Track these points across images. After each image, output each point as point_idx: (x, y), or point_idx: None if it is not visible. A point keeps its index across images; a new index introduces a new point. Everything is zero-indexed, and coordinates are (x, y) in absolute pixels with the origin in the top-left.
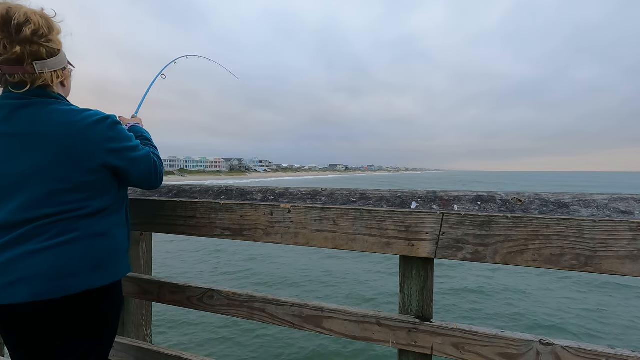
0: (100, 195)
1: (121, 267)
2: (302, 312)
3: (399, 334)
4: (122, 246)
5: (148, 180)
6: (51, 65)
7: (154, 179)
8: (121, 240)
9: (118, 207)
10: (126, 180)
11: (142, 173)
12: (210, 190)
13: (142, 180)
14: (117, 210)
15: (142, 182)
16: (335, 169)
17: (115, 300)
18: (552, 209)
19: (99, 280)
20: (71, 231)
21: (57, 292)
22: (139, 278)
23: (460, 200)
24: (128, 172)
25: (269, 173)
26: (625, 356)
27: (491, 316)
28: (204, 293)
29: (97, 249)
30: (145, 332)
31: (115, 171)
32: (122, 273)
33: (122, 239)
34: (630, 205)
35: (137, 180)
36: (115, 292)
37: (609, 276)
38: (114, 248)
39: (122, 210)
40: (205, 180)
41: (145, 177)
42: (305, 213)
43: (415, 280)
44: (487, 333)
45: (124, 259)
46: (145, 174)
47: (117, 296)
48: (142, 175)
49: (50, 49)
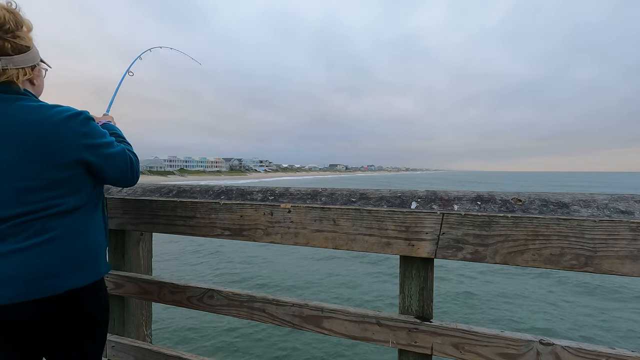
0: (75, 193)
1: (101, 266)
2: (302, 312)
3: (399, 334)
4: (101, 245)
5: (124, 177)
6: (18, 61)
7: (129, 176)
8: (100, 239)
9: (94, 205)
10: (101, 177)
11: (118, 170)
12: (210, 190)
13: (117, 177)
14: (94, 209)
15: (117, 179)
16: (335, 169)
17: (99, 299)
18: (552, 209)
19: (81, 280)
20: (48, 230)
21: (38, 293)
22: (139, 278)
23: (460, 200)
24: (103, 168)
25: (269, 173)
26: (625, 356)
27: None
28: (204, 293)
29: (77, 248)
30: (145, 332)
31: (89, 168)
32: (102, 272)
33: (101, 237)
34: (630, 205)
35: (113, 177)
36: (98, 291)
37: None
38: (93, 247)
39: (98, 209)
40: (205, 180)
41: (120, 173)
42: (305, 213)
43: (415, 280)
44: (487, 333)
45: (103, 258)
46: (120, 171)
47: (101, 295)
48: (117, 172)
49: (17, 45)
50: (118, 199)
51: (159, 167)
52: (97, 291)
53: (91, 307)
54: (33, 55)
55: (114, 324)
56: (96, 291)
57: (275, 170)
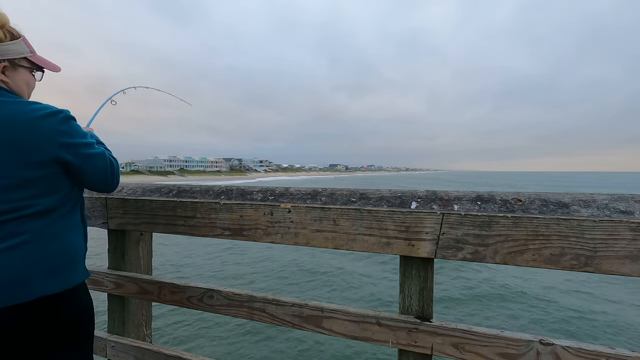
0: (49, 194)
1: (78, 273)
2: (302, 312)
3: (399, 334)
4: (78, 250)
5: (103, 180)
6: None
7: (109, 179)
8: (77, 244)
9: (71, 207)
10: (80, 178)
11: (97, 171)
12: (210, 190)
13: (96, 179)
14: (71, 212)
15: (96, 181)
16: (335, 169)
17: (77, 306)
18: (552, 209)
19: (54, 286)
20: (21, 233)
21: (8, 300)
22: (139, 278)
23: (460, 200)
24: (81, 169)
25: (269, 173)
26: (625, 356)
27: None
28: (204, 293)
29: (50, 252)
30: (145, 332)
31: (66, 167)
32: (79, 279)
33: (78, 242)
34: (630, 205)
35: (91, 179)
36: (75, 298)
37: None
38: (69, 252)
39: (76, 212)
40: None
41: (100, 176)
42: (305, 213)
43: (415, 280)
44: (487, 333)
45: (80, 264)
46: (100, 173)
47: (78, 302)
48: (96, 174)
49: None
50: (118, 199)
51: (159, 167)
52: (73, 298)
53: (67, 314)
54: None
55: (114, 323)
56: (72, 298)
57: (275, 170)
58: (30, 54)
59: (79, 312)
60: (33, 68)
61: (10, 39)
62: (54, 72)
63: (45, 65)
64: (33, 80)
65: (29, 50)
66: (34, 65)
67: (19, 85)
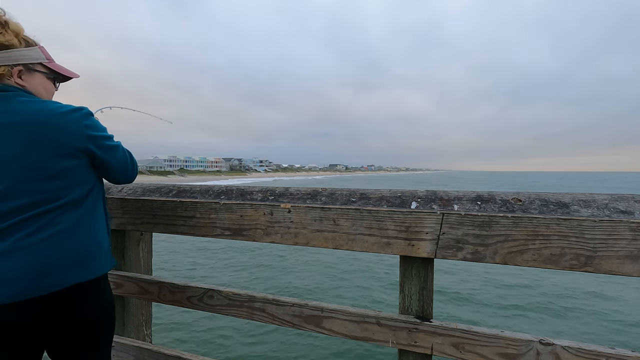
0: (78, 185)
1: (105, 262)
2: (302, 312)
3: (399, 334)
4: (104, 241)
5: (125, 170)
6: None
7: (130, 170)
8: (103, 234)
9: (96, 200)
10: (104, 169)
11: (119, 163)
12: (210, 190)
13: (119, 170)
14: (96, 204)
15: (119, 172)
16: (335, 169)
17: (103, 299)
18: (552, 209)
19: (85, 275)
20: (56, 224)
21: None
22: (139, 278)
23: (460, 200)
24: (106, 160)
25: (269, 173)
26: (625, 356)
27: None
28: (204, 293)
29: (82, 242)
30: (145, 332)
31: (93, 159)
32: (107, 267)
33: (104, 233)
34: (630, 205)
35: (115, 169)
36: (102, 290)
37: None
38: (97, 242)
39: (100, 204)
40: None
41: (122, 167)
42: (305, 213)
43: (415, 280)
44: (487, 333)
45: (107, 253)
46: (121, 164)
47: (105, 295)
48: (119, 165)
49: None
50: (118, 199)
51: (159, 167)
52: (99, 289)
53: (94, 306)
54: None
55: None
56: (99, 289)
57: (275, 170)
58: (47, 60)
59: (108, 303)
60: (50, 74)
61: (25, 46)
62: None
63: (62, 72)
64: (51, 86)
65: (45, 57)
66: (51, 72)
67: (36, 89)
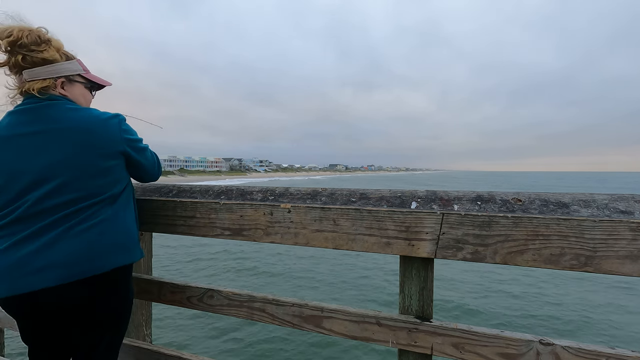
0: (117, 182)
1: (138, 251)
2: (302, 312)
3: (399, 334)
4: (135, 231)
5: (152, 169)
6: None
7: (157, 169)
8: (134, 226)
9: (129, 196)
10: (137, 168)
11: (150, 163)
12: (210, 190)
13: (148, 169)
14: (129, 200)
15: (148, 171)
16: (335, 169)
17: (132, 286)
18: (552, 209)
19: (124, 259)
20: (98, 215)
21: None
22: (139, 278)
23: (460, 200)
24: (139, 160)
25: (269, 173)
26: (625, 356)
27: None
28: (204, 293)
29: (119, 232)
30: (145, 332)
31: (128, 159)
32: (139, 255)
33: (135, 226)
34: (630, 205)
35: (145, 169)
36: (129, 279)
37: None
38: (131, 232)
39: (131, 201)
40: (205, 180)
41: (150, 167)
42: (305, 213)
43: (415, 280)
44: (487, 333)
45: (138, 244)
46: (150, 164)
47: (131, 284)
48: (150, 165)
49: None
50: None
51: None
52: (128, 279)
53: (123, 292)
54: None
55: None
56: (128, 278)
57: (275, 170)
58: (84, 71)
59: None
60: (87, 83)
61: (65, 59)
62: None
63: (97, 81)
64: (89, 95)
65: (82, 68)
66: (88, 81)
67: (76, 98)
